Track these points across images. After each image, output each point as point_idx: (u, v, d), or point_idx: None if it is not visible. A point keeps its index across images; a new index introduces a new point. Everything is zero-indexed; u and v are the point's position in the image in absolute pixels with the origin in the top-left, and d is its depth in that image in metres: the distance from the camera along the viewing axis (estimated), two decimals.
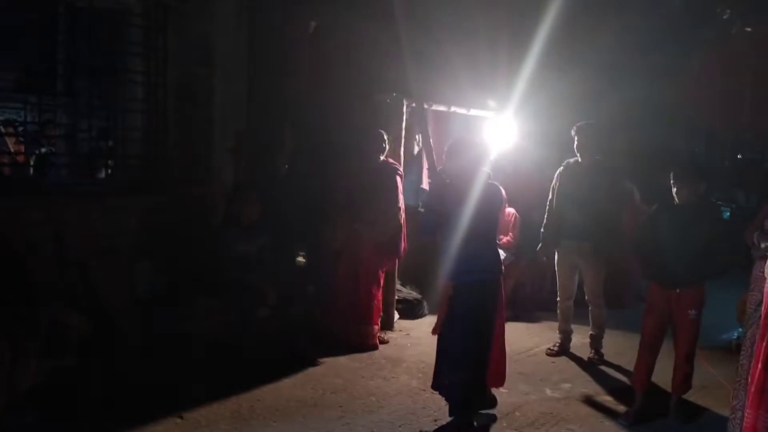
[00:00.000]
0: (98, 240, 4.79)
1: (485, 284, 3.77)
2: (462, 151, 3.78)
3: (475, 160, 3.77)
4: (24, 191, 4.52)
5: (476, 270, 3.74)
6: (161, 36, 4.96)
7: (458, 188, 3.73)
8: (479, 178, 3.74)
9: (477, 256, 3.73)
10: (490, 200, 3.75)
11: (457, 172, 3.77)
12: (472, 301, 3.73)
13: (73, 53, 4.73)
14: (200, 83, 5.35)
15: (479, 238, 3.71)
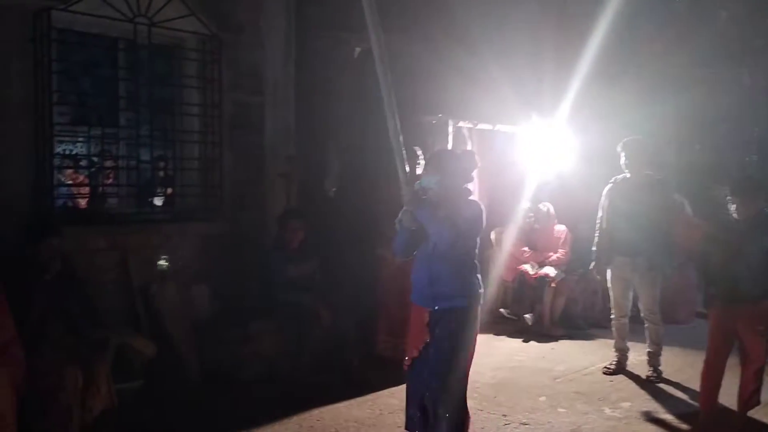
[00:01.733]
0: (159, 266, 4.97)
1: (463, 311, 3.32)
2: (442, 164, 3.36)
3: (456, 174, 3.34)
4: (89, 220, 4.71)
5: (454, 296, 3.30)
6: (216, 68, 5.14)
7: (436, 205, 3.28)
8: (460, 194, 3.34)
9: (457, 279, 3.30)
10: (471, 219, 3.29)
11: (435, 186, 3.29)
12: (450, 331, 3.29)
13: (133, 87, 4.94)
14: (251, 111, 5.53)
15: (456, 260, 3.27)
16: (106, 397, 3.76)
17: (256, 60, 5.48)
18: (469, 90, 6.41)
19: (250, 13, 5.37)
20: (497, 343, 6.16)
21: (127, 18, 4.59)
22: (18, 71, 4.23)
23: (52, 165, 4.41)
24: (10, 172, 4.22)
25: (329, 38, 6.07)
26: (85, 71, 4.89)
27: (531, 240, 6.66)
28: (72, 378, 3.60)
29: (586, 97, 6.73)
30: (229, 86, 5.28)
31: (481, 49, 6.79)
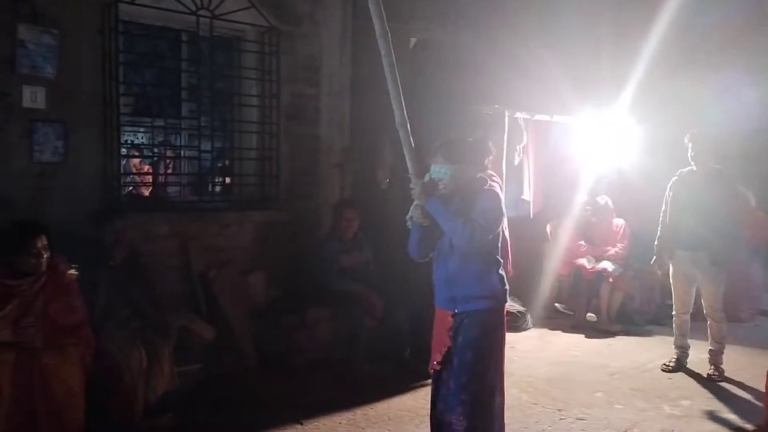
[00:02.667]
0: (217, 253, 5.10)
1: (486, 314, 3.06)
2: (452, 153, 3.01)
3: (468, 162, 3.03)
4: (152, 207, 4.86)
5: (475, 297, 3.05)
6: (274, 59, 5.21)
7: (448, 197, 3.00)
8: (473, 184, 3.05)
9: (477, 279, 3.05)
10: (487, 211, 2.99)
11: (446, 177, 2.99)
12: (472, 338, 3.03)
13: (195, 79, 5.06)
14: (307, 103, 5.59)
15: (475, 258, 3.02)
16: (169, 378, 3.88)
17: (313, 51, 5.54)
18: (525, 80, 6.32)
19: (309, 5, 5.43)
20: (552, 338, 6.09)
21: (191, 11, 4.69)
22: (88, 62, 4.38)
23: (119, 154, 4.57)
24: (80, 161, 4.38)
25: None
26: (149, 63, 5.02)
27: (588, 234, 6.54)
28: (137, 359, 3.73)
29: (649, 85, 6.54)
30: (286, 78, 5.35)
31: (537, 38, 6.69)
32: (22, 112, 4.15)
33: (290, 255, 5.44)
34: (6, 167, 4.09)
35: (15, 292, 3.37)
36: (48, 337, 3.40)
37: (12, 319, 3.33)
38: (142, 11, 4.57)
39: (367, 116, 6.01)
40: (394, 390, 4.54)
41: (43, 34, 4.15)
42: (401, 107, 3.08)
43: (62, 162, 4.30)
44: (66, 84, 4.29)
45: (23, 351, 3.31)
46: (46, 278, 3.46)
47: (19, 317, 3.35)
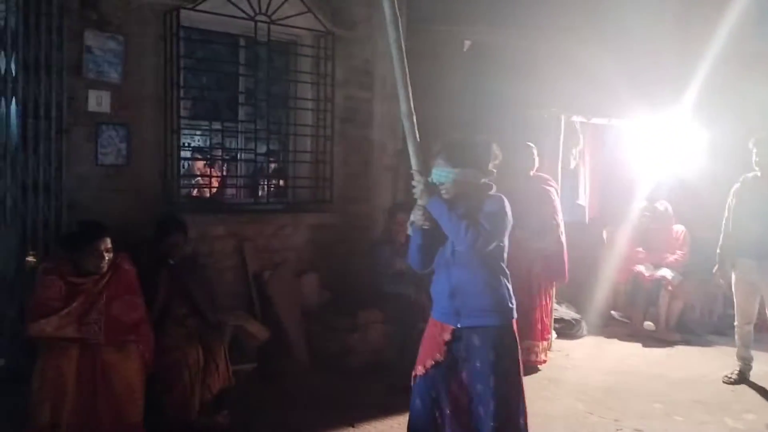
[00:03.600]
0: (272, 254, 5.18)
1: (499, 331, 2.86)
2: (455, 155, 2.83)
3: (471, 165, 2.83)
4: (210, 208, 4.97)
5: (484, 310, 2.83)
6: (329, 63, 5.26)
7: (451, 202, 2.81)
8: (478, 188, 2.86)
9: (485, 290, 2.84)
10: (493, 215, 2.79)
11: (447, 181, 2.81)
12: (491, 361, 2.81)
13: (252, 83, 5.16)
14: (361, 106, 5.63)
15: (481, 266, 2.83)
16: (224, 376, 3.95)
17: (368, 55, 5.57)
18: (582, 83, 6.20)
19: (363, 9, 5.46)
20: (607, 346, 5.94)
21: (249, 16, 4.78)
22: (150, 67, 4.52)
23: (179, 156, 4.68)
24: (141, 163, 4.51)
25: (439, 32, 6.07)
26: (208, 67, 5.13)
27: (646, 240, 6.36)
28: (194, 357, 3.81)
29: (714, 86, 6.28)
30: (341, 81, 5.40)
31: (594, 39, 6.55)
32: (88, 115, 4.30)
33: (342, 257, 5.48)
34: (72, 169, 4.24)
35: (80, 290, 3.50)
36: (110, 333, 3.51)
37: (77, 316, 3.45)
38: (202, 17, 4.68)
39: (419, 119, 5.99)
40: None
41: (108, 40, 4.30)
42: (408, 97, 2.92)
43: (125, 164, 4.44)
44: (129, 88, 4.43)
45: (86, 347, 3.43)
46: (110, 277, 3.58)
47: (84, 314, 3.47)
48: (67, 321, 3.42)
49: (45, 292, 3.44)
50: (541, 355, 5.16)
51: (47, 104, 4.09)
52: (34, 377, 3.33)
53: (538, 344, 5.13)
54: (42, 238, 4.08)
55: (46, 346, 3.40)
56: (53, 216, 4.13)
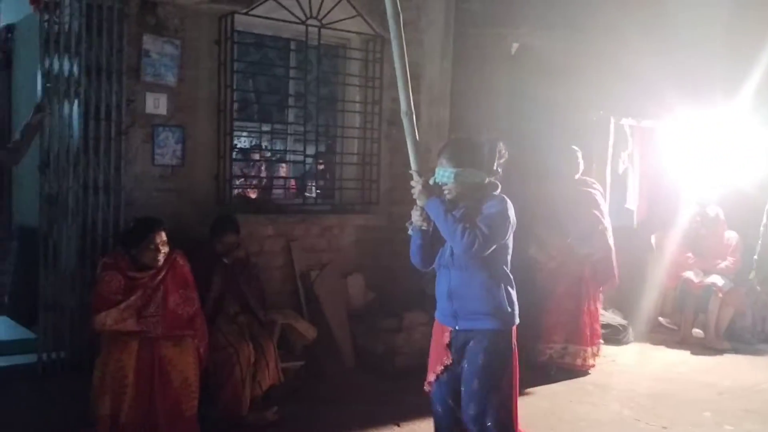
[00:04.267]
0: (319, 254, 5.25)
1: (494, 335, 2.78)
2: (457, 154, 2.78)
3: (474, 165, 2.77)
4: (259, 209, 5.07)
5: (480, 314, 2.77)
6: (378, 66, 5.32)
7: (453, 203, 2.78)
8: (481, 189, 2.79)
9: (481, 294, 2.77)
10: (493, 217, 2.71)
11: (450, 181, 2.76)
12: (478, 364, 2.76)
13: (301, 86, 5.25)
14: None
15: (480, 269, 2.75)
16: (274, 373, 4.04)
17: (415, 58, 5.58)
18: (631, 85, 6.11)
19: (412, 12, 5.49)
20: (655, 353, 5.86)
21: (300, 20, 4.87)
22: (204, 71, 4.64)
23: (231, 157, 4.79)
24: (195, 163, 4.64)
25: (486, 34, 6.06)
26: (260, 70, 5.24)
27: (696, 245, 6.24)
28: (245, 353, 3.90)
29: None
30: (388, 84, 5.44)
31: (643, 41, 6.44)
32: (146, 117, 4.44)
33: (388, 258, 5.51)
34: (130, 169, 4.38)
35: (138, 284, 3.63)
36: (168, 326, 3.63)
37: (136, 309, 3.58)
38: (255, 21, 4.78)
39: (466, 122, 6.01)
40: None
41: (166, 45, 4.43)
42: (408, 95, 2.85)
43: (179, 165, 4.57)
44: (184, 91, 4.56)
45: (145, 341, 3.55)
46: (166, 272, 3.71)
47: (143, 307, 3.60)
48: (127, 314, 3.55)
49: (105, 286, 3.58)
50: (590, 360, 5.13)
51: (108, 106, 4.24)
52: (96, 370, 3.47)
53: (587, 349, 5.09)
54: (101, 234, 4.23)
55: (108, 340, 3.54)
56: (112, 214, 4.28)
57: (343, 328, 5.12)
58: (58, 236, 4.18)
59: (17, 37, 5.61)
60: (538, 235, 5.18)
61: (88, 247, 4.21)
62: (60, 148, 4.17)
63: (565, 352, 5.09)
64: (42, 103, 4.08)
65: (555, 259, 5.11)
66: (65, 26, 4.15)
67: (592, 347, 5.13)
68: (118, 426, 3.43)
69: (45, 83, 4.13)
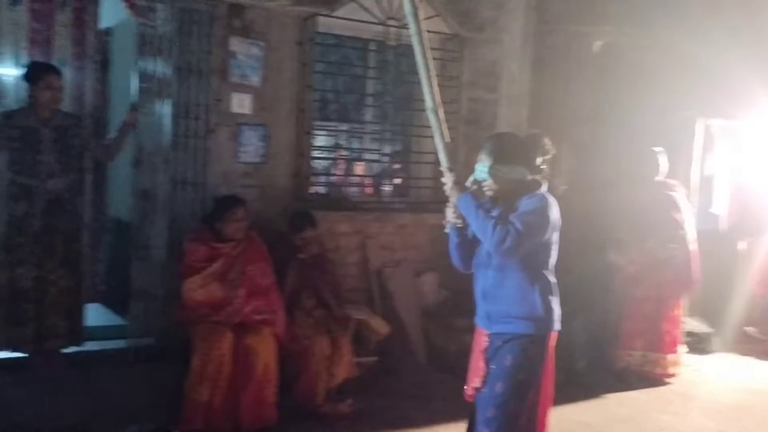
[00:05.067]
0: (393, 252, 5.31)
1: (526, 341, 2.64)
2: (495, 149, 2.67)
3: (513, 161, 2.64)
4: (336, 206, 5.18)
5: (512, 317, 2.65)
6: (456, 66, 5.32)
7: (493, 201, 2.69)
8: (521, 186, 2.66)
9: (515, 296, 2.65)
10: (528, 215, 2.57)
11: (487, 177, 2.66)
12: (505, 367, 2.63)
13: (380, 85, 5.32)
14: (486, 108, 5.63)
15: (516, 270, 2.63)
16: (348, 367, 4.13)
17: (495, 57, 5.57)
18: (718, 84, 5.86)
19: (492, 12, 5.47)
20: (741, 364, 5.59)
21: (380, 21, 4.94)
22: (287, 71, 4.78)
23: (310, 155, 4.92)
24: (276, 161, 4.79)
25: (568, 33, 5.95)
26: (339, 71, 5.35)
27: None
28: (321, 346, 4.02)
29: None
30: (466, 83, 5.44)
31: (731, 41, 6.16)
32: (231, 116, 4.62)
33: None
34: (216, 166, 4.57)
35: (220, 253, 3.92)
36: (247, 294, 3.87)
37: (218, 275, 3.87)
38: (336, 23, 4.89)
39: (544, 121, 5.92)
40: (567, 402, 4.43)
41: (251, 46, 4.59)
42: (432, 91, 2.77)
43: (262, 162, 4.73)
44: (268, 91, 4.71)
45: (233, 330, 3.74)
46: (245, 245, 3.97)
47: (224, 273, 3.89)
48: (211, 278, 3.84)
49: (191, 256, 3.89)
50: (670, 368, 4.96)
51: (196, 106, 4.43)
52: (195, 358, 3.64)
53: (667, 357, 4.94)
54: (189, 227, 4.42)
55: (203, 330, 3.73)
56: (198, 208, 4.48)
57: (416, 325, 5.16)
58: (149, 229, 4.41)
59: (114, 41, 5.94)
60: (617, 239, 5.06)
61: (176, 240, 4.42)
62: (152, 145, 4.39)
63: (645, 360, 4.95)
64: (136, 102, 4.32)
65: (634, 263, 4.99)
66: (159, 29, 4.37)
67: (672, 355, 4.96)
68: (210, 412, 3.62)
69: (139, 83, 4.36)
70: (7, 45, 4.98)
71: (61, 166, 4.06)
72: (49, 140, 4.02)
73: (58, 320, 4.04)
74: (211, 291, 3.84)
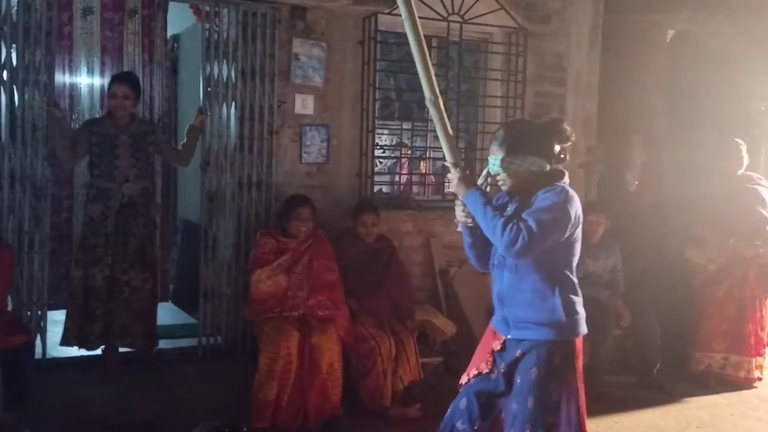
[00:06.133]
0: (457, 251, 5.23)
1: (549, 348, 2.42)
2: (508, 138, 2.45)
3: (527, 150, 2.42)
4: (400, 205, 5.15)
5: (532, 323, 2.44)
6: (521, 60, 5.20)
7: (512, 196, 2.52)
8: (536, 178, 2.43)
9: (533, 299, 2.43)
10: (542, 211, 2.33)
11: (500, 170, 2.46)
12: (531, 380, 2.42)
13: (443, 82, 5.24)
14: (552, 102, 5.48)
15: (533, 271, 2.42)
16: (414, 368, 4.09)
17: (561, 50, 5.41)
18: None
19: (558, 3, 5.31)
20: None
21: (442, 17, 4.87)
22: (349, 71, 4.77)
23: (373, 155, 4.90)
24: (339, 161, 4.79)
25: (638, 22, 5.73)
26: (401, 69, 5.32)
27: None
28: (387, 346, 4.00)
29: None
30: (531, 77, 5.30)
31: None
32: (294, 117, 4.65)
33: None
34: (280, 167, 4.61)
35: (288, 248, 4.07)
36: (312, 288, 4.00)
37: (285, 267, 4.02)
38: (397, 21, 4.81)
39: (615, 114, 5.74)
40: (640, 406, 4.28)
41: (313, 47, 4.61)
42: (431, 81, 2.54)
43: (325, 162, 4.74)
44: (330, 91, 4.72)
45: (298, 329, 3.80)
46: (311, 242, 4.09)
47: (291, 266, 4.04)
48: (278, 270, 4.00)
49: (260, 249, 4.05)
50: (755, 372, 4.70)
51: (260, 108, 4.49)
52: (263, 357, 3.72)
53: (751, 360, 4.68)
54: (254, 228, 4.49)
55: (271, 330, 3.80)
56: (264, 209, 4.54)
57: (482, 325, 5.04)
58: (217, 229, 4.50)
59: (182, 46, 6.12)
60: (696, 236, 4.83)
61: (243, 240, 4.49)
62: (218, 147, 4.48)
63: (727, 363, 4.71)
64: (203, 106, 4.41)
65: (715, 261, 4.75)
66: (224, 34, 4.45)
67: (757, 358, 4.70)
68: (278, 410, 3.69)
69: (206, 87, 4.45)
70: (81, 54, 5.20)
71: (136, 170, 4.20)
72: (126, 146, 4.17)
73: (130, 320, 4.15)
74: (277, 283, 4.00)
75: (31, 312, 4.07)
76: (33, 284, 4.06)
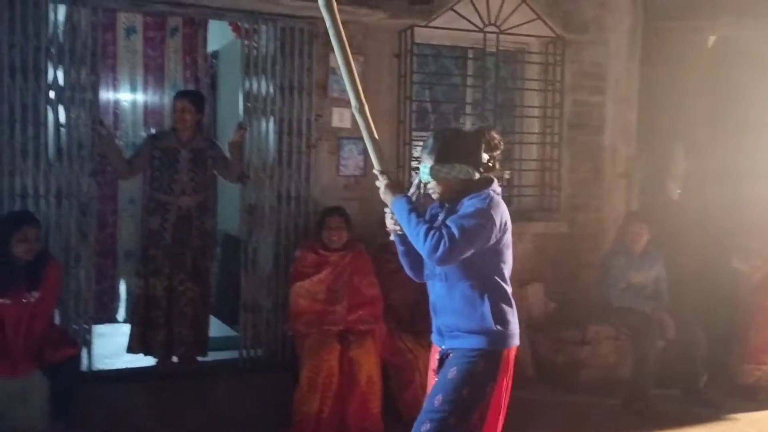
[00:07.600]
0: None
1: (475, 356, 2.35)
2: (436, 147, 2.44)
3: (454, 158, 2.40)
4: None
5: (462, 331, 2.39)
6: (558, 69, 5.16)
7: (442, 204, 2.50)
8: (463, 186, 2.41)
9: (463, 308, 2.38)
10: (465, 218, 2.30)
11: (429, 179, 2.44)
12: (446, 381, 2.36)
13: (479, 93, 5.23)
14: (592, 111, 5.42)
15: (461, 280, 2.38)
16: None
17: (599, 58, 5.36)
18: None
19: (595, 11, 5.27)
20: None
21: (478, 28, 4.87)
22: (385, 84, 4.80)
23: (410, 167, 4.91)
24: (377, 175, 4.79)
25: (679, 28, 5.63)
26: (438, 81, 5.32)
27: None
28: (424, 360, 3.88)
29: None
30: (570, 86, 5.26)
31: None
32: (332, 131, 4.69)
33: (569, 268, 5.31)
34: (318, 180, 4.65)
35: (328, 261, 4.08)
36: (351, 305, 3.99)
37: (326, 283, 4.03)
38: (434, 33, 4.86)
39: (656, 123, 5.64)
40: (688, 421, 4.17)
41: None
42: (357, 89, 2.54)
43: (362, 175, 4.76)
44: (367, 104, 4.73)
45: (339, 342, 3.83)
46: (352, 256, 4.10)
47: (332, 281, 4.05)
48: (318, 287, 4.02)
49: (301, 262, 4.10)
50: None
51: (298, 122, 4.54)
52: (305, 370, 3.74)
53: None
54: (293, 241, 4.53)
55: (312, 343, 3.82)
56: (302, 222, 4.58)
57: (522, 337, 5.00)
58: (256, 242, 4.54)
59: (221, 62, 6.23)
60: (741, 244, 4.71)
61: (282, 252, 4.53)
62: (257, 161, 4.53)
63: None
64: (242, 121, 4.48)
65: (761, 269, 4.62)
66: (262, 50, 4.51)
67: None
68: (320, 423, 3.71)
69: (245, 103, 4.52)
70: (124, 72, 5.34)
71: (194, 184, 4.32)
72: (186, 160, 4.31)
73: (185, 329, 4.28)
74: (317, 297, 4.00)
75: (77, 326, 4.17)
76: (79, 298, 4.16)
